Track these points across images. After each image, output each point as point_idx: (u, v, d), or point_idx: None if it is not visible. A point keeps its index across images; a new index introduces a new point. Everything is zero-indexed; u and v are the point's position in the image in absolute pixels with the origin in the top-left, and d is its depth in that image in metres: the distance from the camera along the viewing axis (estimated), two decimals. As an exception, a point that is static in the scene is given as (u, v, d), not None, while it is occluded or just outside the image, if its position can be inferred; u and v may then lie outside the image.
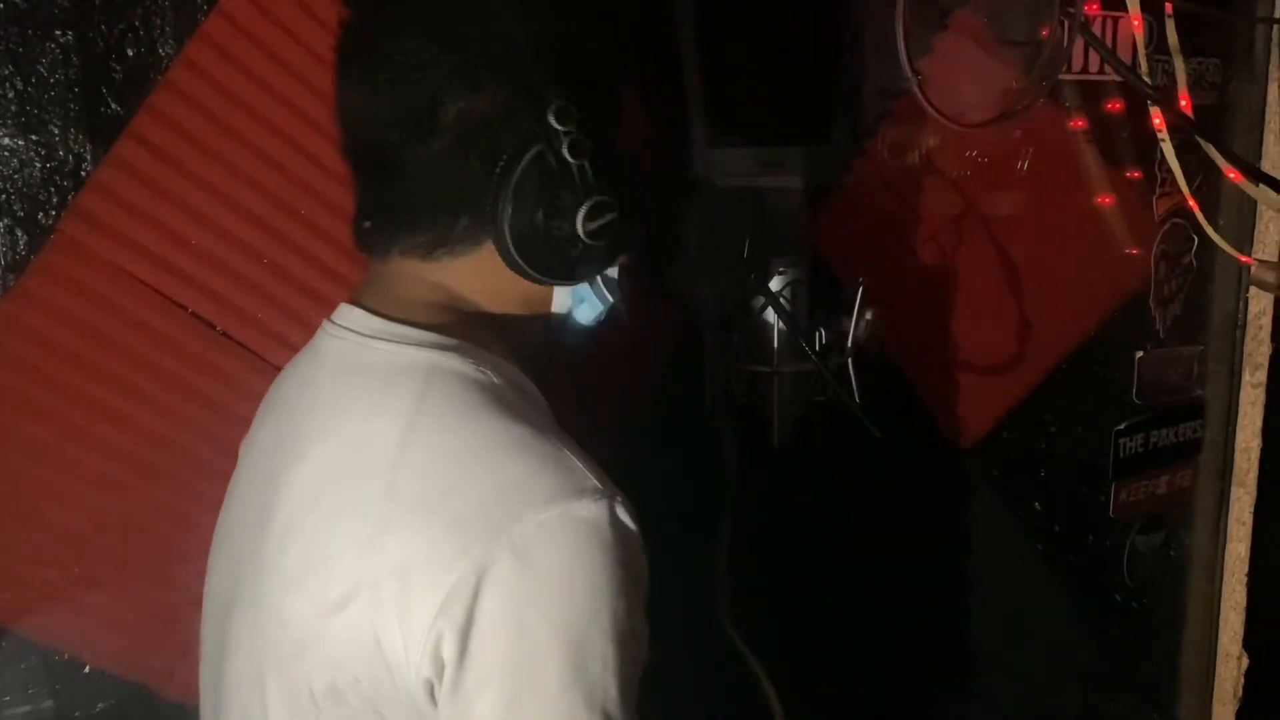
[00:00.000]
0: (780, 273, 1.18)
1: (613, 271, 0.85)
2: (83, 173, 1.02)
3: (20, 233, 1.01)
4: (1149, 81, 1.38)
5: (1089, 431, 1.71)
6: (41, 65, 0.99)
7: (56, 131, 1.01)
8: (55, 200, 1.02)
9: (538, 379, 0.85)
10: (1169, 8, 1.37)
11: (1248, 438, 1.82)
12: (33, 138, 1.00)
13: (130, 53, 1.02)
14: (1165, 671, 1.93)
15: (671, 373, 1.32)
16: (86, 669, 1.10)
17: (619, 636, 0.71)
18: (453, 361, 0.79)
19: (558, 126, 0.74)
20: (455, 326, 0.82)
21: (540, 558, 0.69)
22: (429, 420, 0.75)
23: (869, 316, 1.19)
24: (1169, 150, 1.41)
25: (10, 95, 0.99)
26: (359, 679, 0.73)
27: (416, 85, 0.76)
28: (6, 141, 1.00)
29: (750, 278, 1.15)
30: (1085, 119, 1.55)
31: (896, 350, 1.48)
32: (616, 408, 1.31)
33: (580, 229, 0.76)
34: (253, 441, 0.91)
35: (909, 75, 1.23)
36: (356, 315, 0.83)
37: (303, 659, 0.76)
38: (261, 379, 0.95)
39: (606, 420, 1.29)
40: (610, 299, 0.86)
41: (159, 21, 1.03)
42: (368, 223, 0.83)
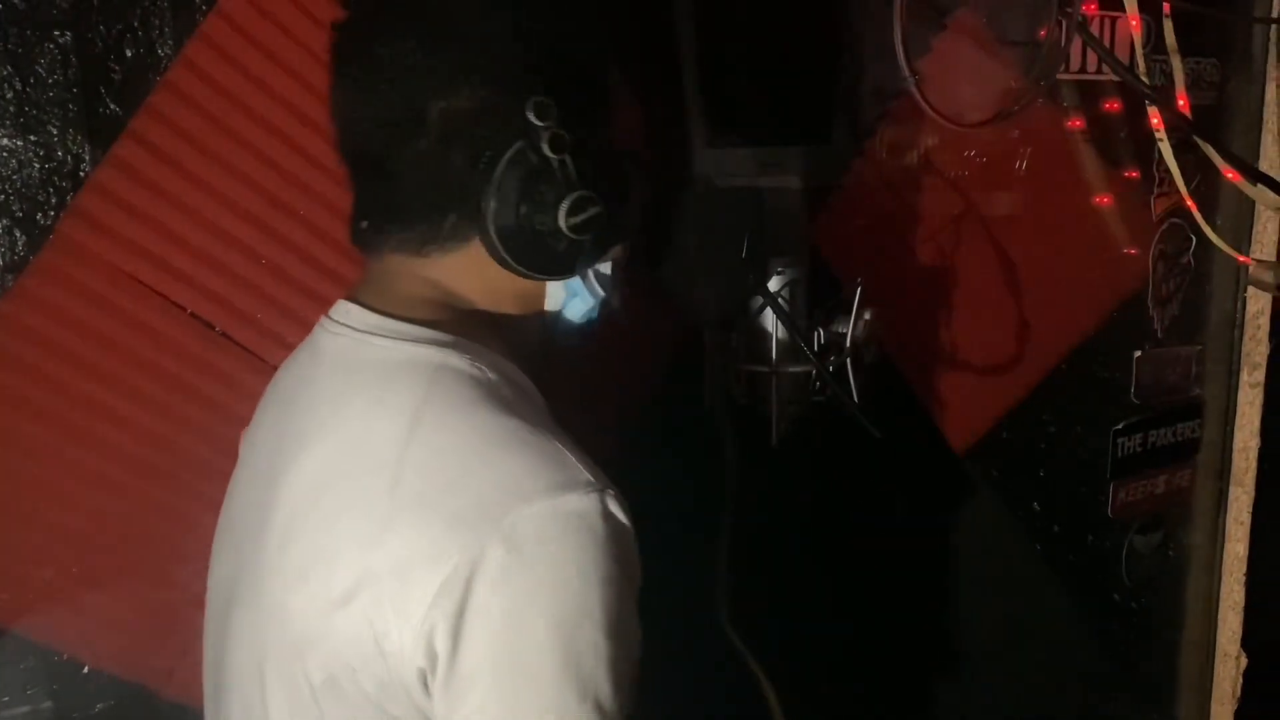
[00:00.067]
0: (779, 273, 1.18)
1: (605, 267, 0.86)
2: (81, 173, 1.02)
3: (19, 233, 1.01)
4: (1147, 81, 1.39)
5: (1087, 431, 1.71)
6: (40, 66, 0.99)
7: (55, 132, 1.01)
8: (54, 201, 1.02)
9: (535, 376, 0.85)
10: (1166, 8, 1.37)
11: (1246, 437, 1.82)
12: (31, 138, 1.00)
13: (129, 53, 1.02)
14: (1164, 671, 1.94)
15: (670, 373, 1.32)
16: (85, 669, 1.10)
17: (610, 628, 0.72)
18: (450, 358, 0.79)
19: (537, 122, 0.74)
20: (451, 323, 0.82)
21: (532, 550, 0.70)
22: (430, 417, 0.76)
23: (867, 317, 1.19)
24: (1167, 150, 1.42)
25: (9, 96, 0.99)
26: (356, 671, 0.74)
27: (403, 86, 0.77)
28: (5, 142, 1.00)
29: (749, 278, 1.15)
30: (1083, 119, 1.55)
31: (895, 350, 1.48)
32: (616, 407, 1.31)
33: (563, 223, 0.77)
34: (252, 439, 0.92)
35: (907, 75, 1.23)
36: (354, 312, 0.84)
37: (302, 653, 0.76)
38: (260, 379, 0.95)
39: (606, 419, 1.29)
40: (602, 293, 0.86)
41: (158, 22, 1.03)
42: (362, 220, 0.85)
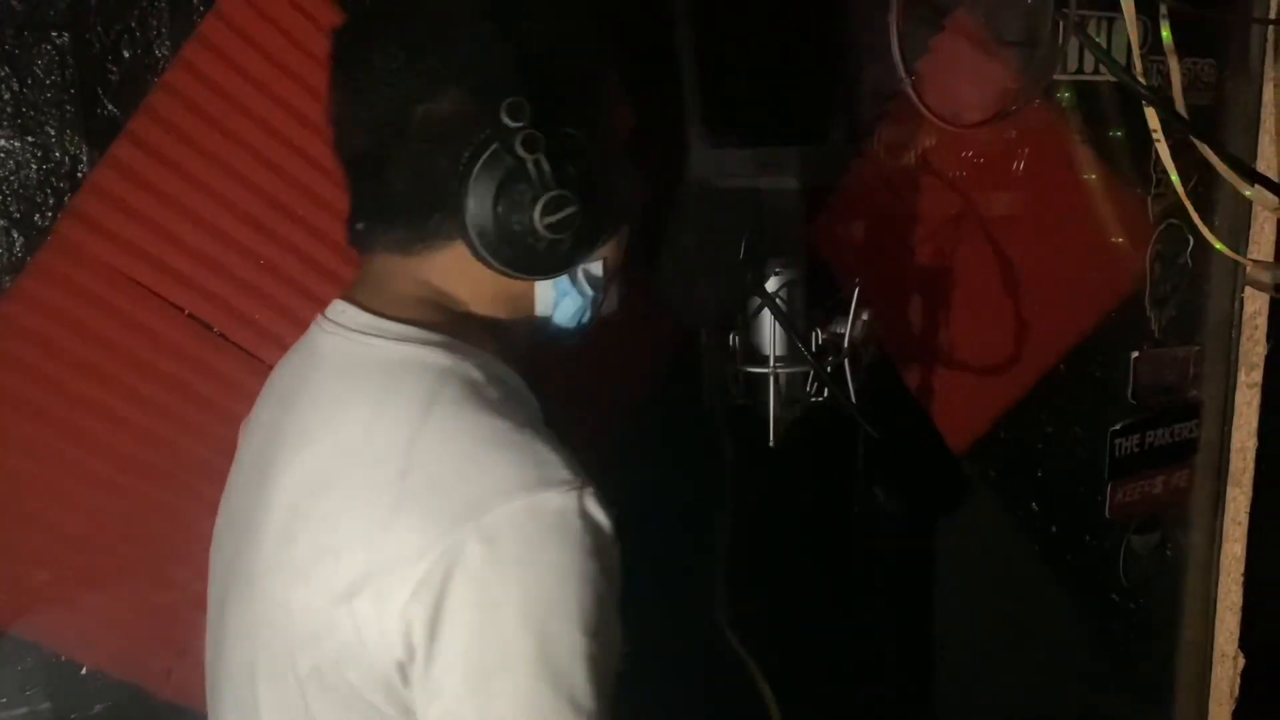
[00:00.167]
0: (777, 273, 1.18)
1: (595, 267, 0.87)
2: (79, 174, 1.02)
3: (17, 234, 1.01)
4: (1144, 82, 1.39)
5: (1085, 432, 1.71)
6: (38, 67, 0.99)
7: (53, 133, 1.01)
8: (52, 202, 1.02)
9: (529, 377, 0.86)
10: (1163, 8, 1.37)
11: (1243, 438, 1.82)
12: (29, 139, 1.00)
13: (127, 54, 1.02)
14: (1162, 671, 1.94)
15: (669, 373, 1.32)
16: (84, 670, 1.10)
17: (586, 625, 0.73)
18: (436, 357, 0.81)
19: (510, 123, 0.75)
20: (442, 323, 0.84)
21: (508, 547, 0.72)
22: (418, 417, 0.77)
23: (865, 317, 1.19)
24: (1164, 151, 1.42)
25: (6, 97, 0.99)
26: (340, 663, 0.75)
27: (391, 90, 0.80)
28: (3, 143, 0.99)
29: (747, 278, 1.15)
30: (1081, 119, 1.55)
31: (893, 351, 1.48)
32: (614, 408, 1.31)
33: (539, 223, 0.78)
34: (249, 438, 0.93)
35: (903, 76, 1.23)
36: (349, 311, 0.86)
37: (290, 646, 0.78)
38: (258, 379, 0.95)
39: (604, 420, 1.29)
40: (591, 293, 0.87)
41: (155, 23, 1.03)
42: (356, 221, 0.87)
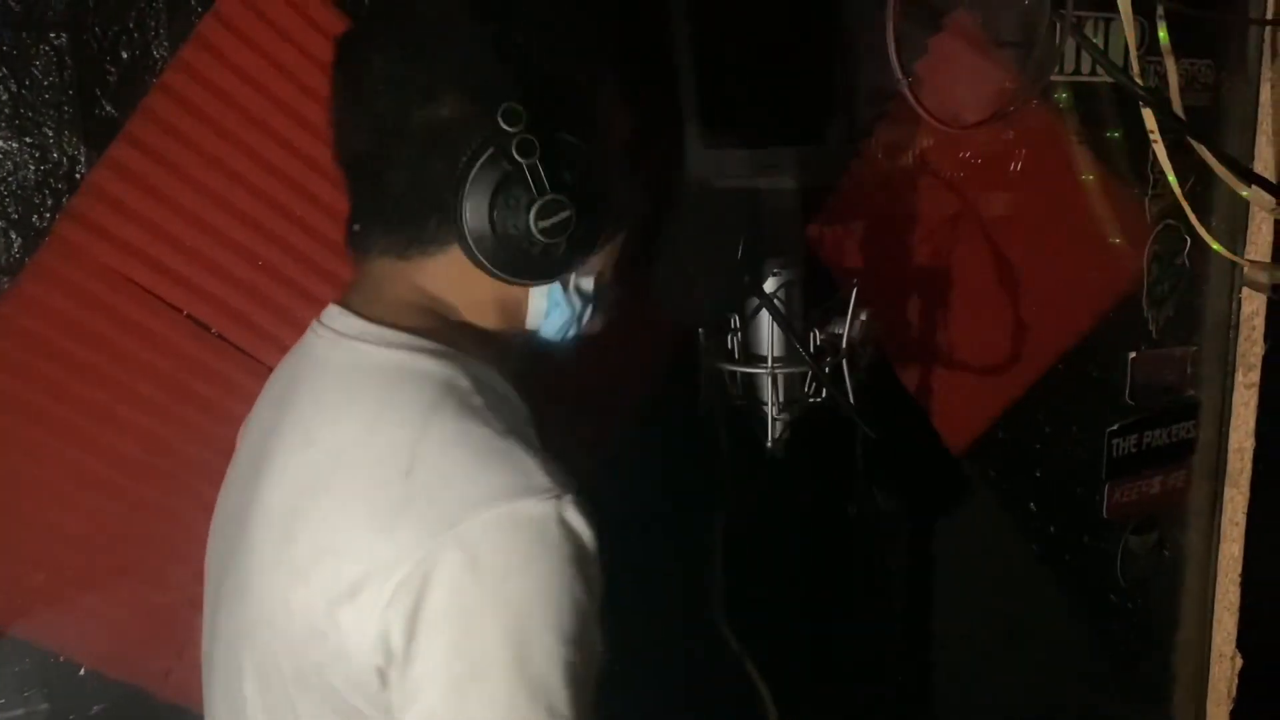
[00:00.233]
0: (775, 274, 1.18)
1: (586, 281, 0.88)
2: (77, 175, 1.02)
3: (14, 235, 1.01)
4: (1141, 83, 1.39)
5: (1083, 432, 1.71)
6: (35, 67, 0.99)
7: (51, 134, 1.01)
8: (49, 203, 1.02)
9: (523, 381, 0.87)
10: (1160, 9, 1.37)
11: (1241, 438, 1.83)
12: (27, 140, 1.00)
13: (125, 55, 1.02)
14: (1159, 671, 1.94)
15: (667, 374, 1.32)
16: (82, 671, 1.10)
17: (564, 632, 0.73)
18: (424, 363, 0.82)
19: (506, 128, 0.76)
20: (433, 329, 0.85)
21: (485, 554, 0.72)
22: (392, 422, 0.79)
23: (864, 317, 1.19)
24: (1161, 151, 1.42)
25: (4, 98, 0.99)
26: (323, 666, 0.76)
27: (389, 95, 0.80)
28: (0, 144, 0.99)
29: (745, 279, 1.15)
30: (1078, 120, 1.56)
31: (892, 351, 1.48)
32: (612, 409, 1.31)
33: (534, 227, 0.78)
34: (245, 440, 0.94)
35: (900, 77, 1.23)
36: (341, 317, 0.87)
37: (276, 648, 0.79)
38: (257, 381, 0.95)
39: (602, 421, 1.29)
40: (580, 305, 0.88)
41: (153, 24, 1.03)
42: (354, 224, 0.88)
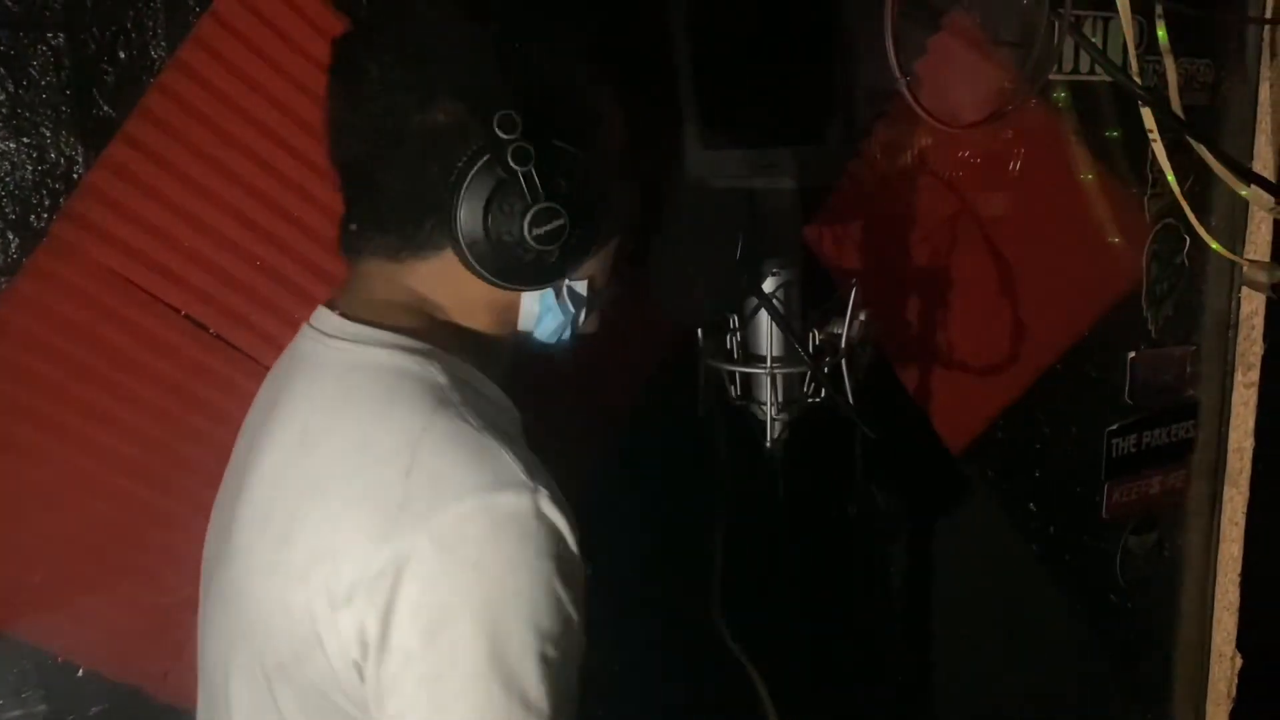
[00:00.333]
0: (774, 274, 1.18)
1: (580, 286, 0.88)
2: (75, 175, 1.02)
3: (12, 236, 1.01)
4: (1140, 82, 1.39)
5: (1082, 432, 1.71)
6: (33, 68, 0.99)
7: (48, 134, 1.01)
8: (47, 203, 1.01)
9: (518, 383, 0.87)
10: (1159, 8, 1.37)
11: (1240, 438, 1.82)
12: (24, 140, 1.00)
13: (122, 55, 1.02)
14: (1159, 671, 1.94)
15: (666, 374, 1.32)
16: (80, 672, 1.10)
17: (539, 626, 0.73)
18: (397, 359, 0.82)
19: (501, 135, 0.76)
20: (416, 328, 0.85)
21: (459, 547, 0.73)
22: (369, 420, 0.79)
23: (863, 317, 1.19)
24: (1160, 151, 1.41)
25: (2, 98, 0.98)
26: (301, 658, 0.77)
27: (387, 100, 0.81)
28: (-2, 144, 1.00)
29: (744, 279, 1.15)
30: (1077, 119, 1.55)
31: (890, 351, 1.48)
32: (610, 409, 1.31)
33: (528, 234, 0.79)
34: (239, 441, 0.95)
35: (899, 76, 1.23)
36: (325, 317, 0.88)
37: (255, 639, 0.80)
38: (254, 382, 0.95)
39: (600, 422, 1.29)
40: (573, 310, 0.88)
41: (151, 24, 1.03)
42: (348, 226, 0.88)
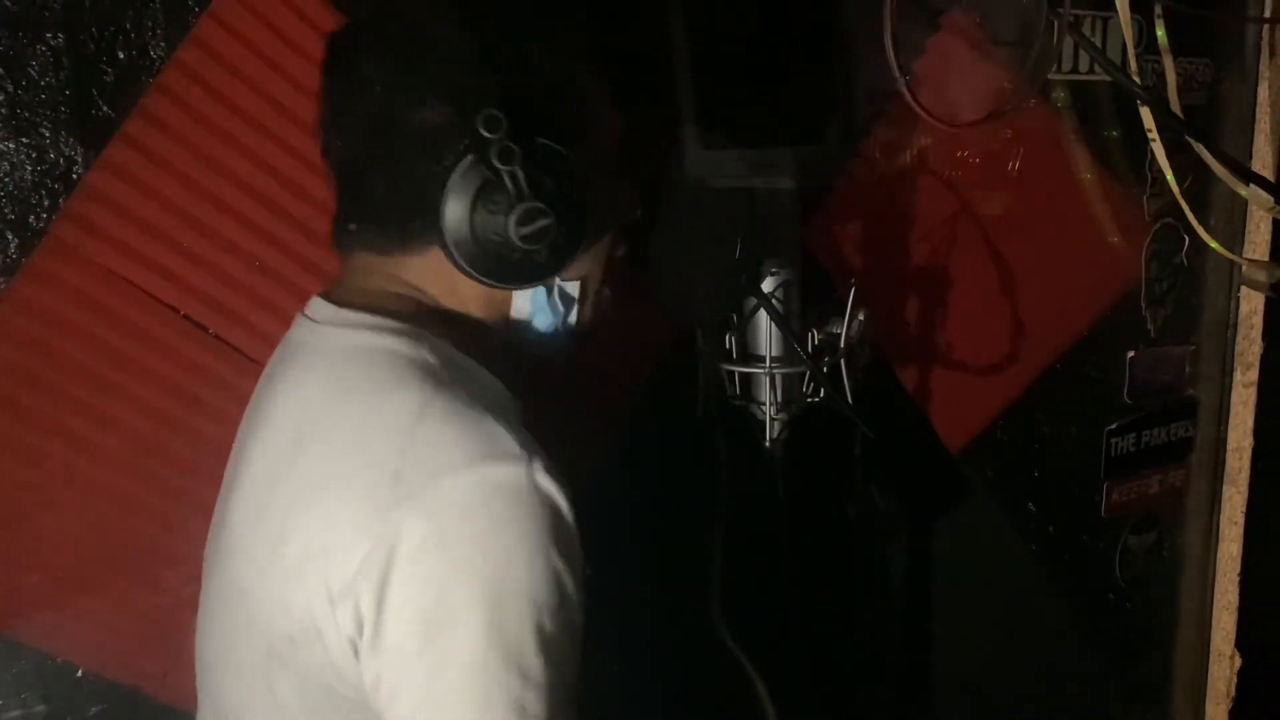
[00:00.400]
0: (773, 274, 1.18)
1: (571, 286, 0.88)
2: (74, 176, 1.02)
3: (11, 236, 1.01)
4: (1139, 81, 1.39)
5: (1081, 431, 1.71)
6: (32, 68, 0.99)
7: (47, 134, 1.01)
8: (46, 203, 1.01)
9: (516, 380, 0.87)
10: (1158, 7, 1.37)
11: (1239, 437, 1.83)
12: (23, 140, 1.00)
13: (121, 55, 1.02)
14: (1158, 671, 1.94)
15: (665, 374, 1.32)
16: (79, 673, 1.10)
17: (536, 596, 0.73)
18: (386, 341, 0.82)
19: (487, 135, 0.76)
20: (410, 315, 0.85)
21: (454, 520, 0.72)
22: (357, 398, 0.79)
23: (862, 317, 1.19)
24: (1159, 150, 1.42)
25: (1, 99, 0.98)
26: (295, 641, 0.76)
27: (377, 98, 0.81)
28: (-3, 145, 1.00)
29: (742, 279, 1.15)
30: (1076, 119, 1.56)
31: (890, 351, 1.48)
32: (610, 408, 1.31)
33: (513, 233, 0.79)
34: (237, 435, 0.95)
35: (898, 76, 1.23)
36: (316, 305, 0.88)
37: (250, 625, 0.80)
38: (253, 381, 0.95)
39: (599, 421, 1.29)
40: (564, 310, 0.88)
41: (150, 24, 1.03)
42: (340, 222, 0.89)
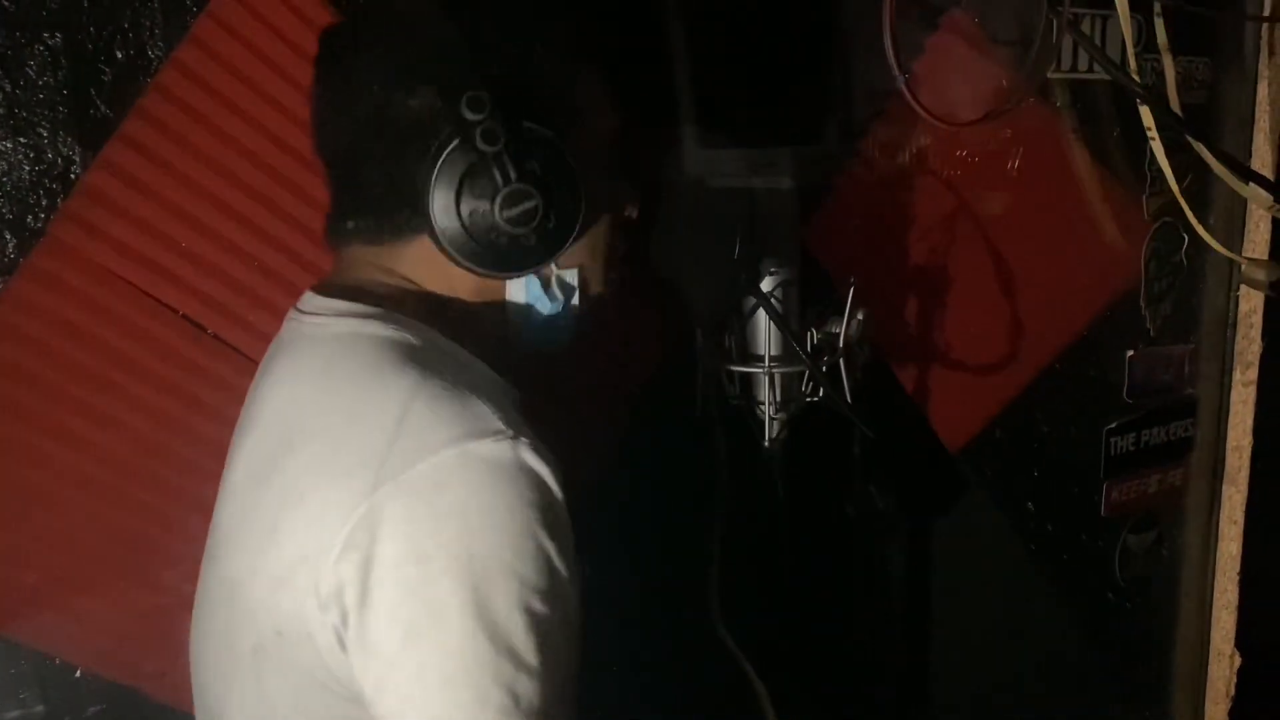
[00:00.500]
0: (772, 273, 1.18)
1: (570, 275, 0.87)
2: (72, 175, 1.02)
3: (9, 236, 1.01)
4: (1138, 80, 1.39)
5: (1080, 431, 1.71)
6: (30, 68, 0.99)
7: (45, 134, 1.00)
8: (44, 203, 1.01)
9: (515, 377, 0.87)
10: (1158, 6, 1.37)
11: (1239, 436, 1.82)
12: (21, 140, 1.00)
13: (119, 55, 1.02)
14: (1158, 670, 1.94)
15: (663, 373, 1.32)
16: (78, 673, 1.09)
17: (524, 576, 0.72)
18: (369, 327, 0.82)
19: (470, 116, 0.76)
20: (391, 300, 0.85)
21: (437, 498, 0.71)
22: (337, 382, 0.80)
23: (860, 316, 1.19)
24: (1158, 149, 1.41)
25: (-1, 98, 0.99)
26: (282, 634, 0.75)
27: (368, 91, 0.82)
28: (-5, 145, 1.00)
29: (741, 278, 1.15)
30: (1075, 118, 1.55)
31: (889, 350, 1.48)
32: (609, 407, 1.30)
33: (499, 216, 0.78)
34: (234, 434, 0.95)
35: (897, 75, 1.23)
36: (307, 298, 0.89)
37: (236, 621, 0.80)
38: (251, 380, 0.95)
39: (598, 420, 1.29)
40: (561, 299, 0.88)
41: (148, 24, 1.02)
42: (333, 216, 0.89)
